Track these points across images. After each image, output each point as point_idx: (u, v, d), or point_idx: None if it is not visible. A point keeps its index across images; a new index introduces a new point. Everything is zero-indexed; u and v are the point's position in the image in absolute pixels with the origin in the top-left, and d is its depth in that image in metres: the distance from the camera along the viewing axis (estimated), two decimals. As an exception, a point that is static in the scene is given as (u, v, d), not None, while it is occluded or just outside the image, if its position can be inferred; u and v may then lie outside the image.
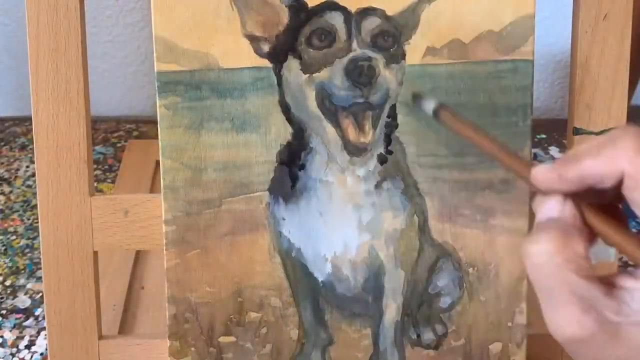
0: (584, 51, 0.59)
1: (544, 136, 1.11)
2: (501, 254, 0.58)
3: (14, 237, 0.86)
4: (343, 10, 0.55)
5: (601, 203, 0.37)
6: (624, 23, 0.59)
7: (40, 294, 0.77)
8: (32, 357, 0.69)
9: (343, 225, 0.57)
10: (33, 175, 0.97)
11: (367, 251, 0.57)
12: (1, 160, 1.03)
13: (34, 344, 0.71)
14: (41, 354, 0.70)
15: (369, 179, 0.57)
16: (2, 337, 0.72)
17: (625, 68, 0.59)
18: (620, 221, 0.38)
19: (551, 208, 0.37)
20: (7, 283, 0.79)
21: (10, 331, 0.72)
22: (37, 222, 0.59)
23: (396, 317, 0.59)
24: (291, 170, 0.57)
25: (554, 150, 1.07)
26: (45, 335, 0.62)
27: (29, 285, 0.79)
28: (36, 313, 0.75)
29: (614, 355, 0.34)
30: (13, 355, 0.70)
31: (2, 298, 0.77)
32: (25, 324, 0.73)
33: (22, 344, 0.71)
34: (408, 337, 0.59)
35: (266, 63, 0.56)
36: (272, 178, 0.57)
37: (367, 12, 0.55)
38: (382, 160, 0.57)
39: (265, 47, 0.56)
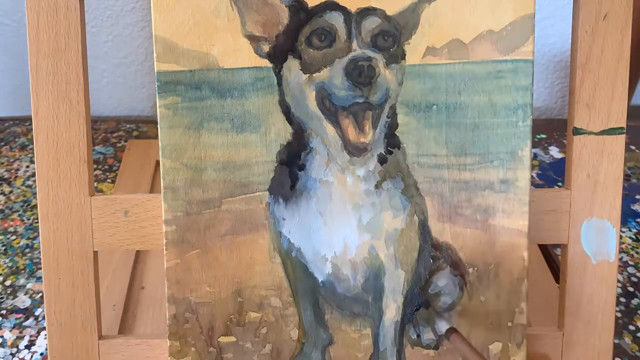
0: (584, 51, 0.59)
1: (544, 136, 1.11)
2: (501, 254, 0.58)
3: (14, 237, 0.86)
4: (343, 10, 0.55)
5: None
6: (624, 23, 0.59)
7: (40, 294, 0.77)
8: (32, 357, 0.69)
9: (343, 225, 0.57)
10: (33, 175, 0.98)
11: (367, 251, 0.57)
12: (1, 160, 1.03)
13: (34, 344, 0.71)
14: (41, 354, 0.70)
15: (369, 179, 0.57)
16: (2, 337, 0.72)
17: (625, 68, 0.59)
18: None
19: None
20: (7, 283, 0.79)
21: (10, 331, 0.72)
22: (37, 222, 0.60)
23: (396, 317, 0.59)
24: (291, 170, 0.57)
25: (554, 150, 1.07)
26: (45, 335, 0.62)
27: (29, 285, 0.79)
28: (36, 313, 0.75)
29: None
30: (13, 355, 0.70)
31: (2, 298, 0.77)
32: (25, 324, 0.73)
33: (22, 344, 0.71)
34: (408, 337, 0.59)
35: (266, 63, 0.56)
36: (272, 178, 0.57)
37: (367, 12, 0.55)
38: (382, 160, 0.57)
39: (265, 47, 0.56)
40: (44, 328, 0.72)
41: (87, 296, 0.60)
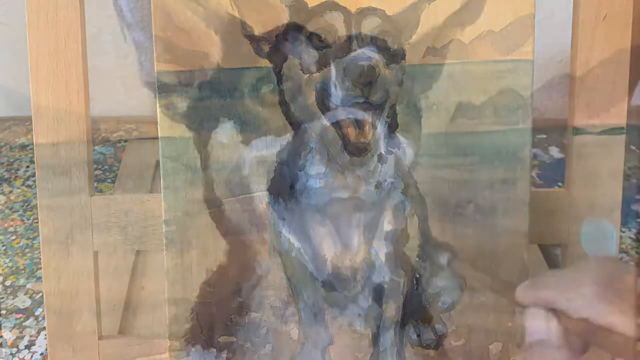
0: (584, 51, 0.59)
1: (544, 136, 1.11)
2: (501, 254, 0.58)
3: (14, 237, 0.86)
4: (343, 10, 0.55)
5: None
6: (624, 23, 0.59)
7: (40, 294, 0.77)
8: (32, 357, 0.69)
9: (343, 225, 0.57)
10: (33, 175, 0.98)
11: (367, 251, 0.57)
12: (1, 160, 1.03)
13: (34, 344, 0.71)
14: (41, 354, 0.70)
15: (369, 179, 0.57)
16: (2, 337, 0.72)
17: (625, 68, 0.59)
18: None
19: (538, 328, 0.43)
20: (7, 283, 0.79)
21: (10, 331, 0.72)
22: (37, 222, 0.60)
23: (396, 317, 0.59)
24: (291, 170, 0.57)
25: (554, 150, 1.07)
26: (45, 335, 0.62)
27: (29, 285, 0.79)
28: (36, 313, 0.75)
29: None
30: (13, 355, 0.70)
31: (2, 298, 0.77)
32: (25, 324, 0.73)
33: (22, 344, 0.71)
34: (408, 337, 0.59)
35: (266, 63, 0.56)
36: (272, 178, 0.57)
37: (367, 12, 0.55)
38: (382, 160, 0.57)
39: (265, 47, 0.56)
40: (44, 328, 0.72)
41: (87, 296, 0.60)
